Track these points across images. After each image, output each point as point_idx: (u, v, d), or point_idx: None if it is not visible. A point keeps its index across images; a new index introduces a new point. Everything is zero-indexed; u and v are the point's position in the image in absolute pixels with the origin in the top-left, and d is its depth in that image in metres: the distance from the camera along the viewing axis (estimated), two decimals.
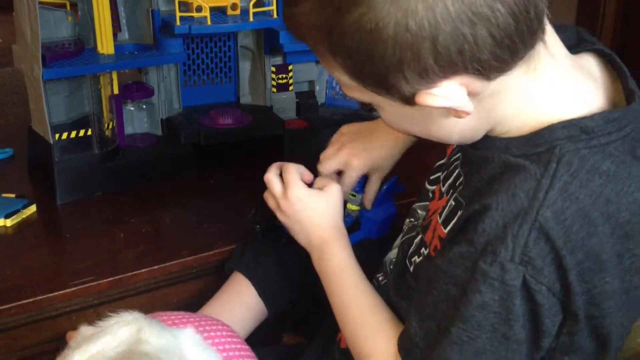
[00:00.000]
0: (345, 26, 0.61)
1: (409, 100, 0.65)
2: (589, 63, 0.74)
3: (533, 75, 0.67)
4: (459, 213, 0.72)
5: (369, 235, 0.98)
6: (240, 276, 1.01)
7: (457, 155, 0.80)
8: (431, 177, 0.89)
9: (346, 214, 0.95)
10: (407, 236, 0.88)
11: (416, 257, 0.82)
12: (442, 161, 0.88)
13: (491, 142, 0.71)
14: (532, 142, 0.68)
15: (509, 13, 0.60)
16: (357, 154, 0.95)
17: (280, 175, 0.90)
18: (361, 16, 0.60)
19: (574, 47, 0.75)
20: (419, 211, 0.88)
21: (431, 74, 0.62)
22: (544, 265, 0.65)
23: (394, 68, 0.62)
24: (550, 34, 0.68)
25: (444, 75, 0.62)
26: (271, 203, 0.90)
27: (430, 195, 0.87)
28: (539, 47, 0.66)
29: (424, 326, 0.72)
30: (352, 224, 0.98)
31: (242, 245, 1.04)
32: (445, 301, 0.70)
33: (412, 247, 0.83)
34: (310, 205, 0.88)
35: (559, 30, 0.71)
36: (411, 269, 0.82)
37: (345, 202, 0.94)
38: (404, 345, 0.74)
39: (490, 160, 0.70)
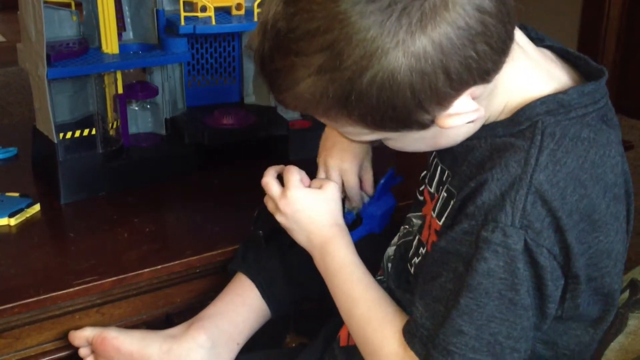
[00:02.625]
0: (362, 89, 0.63)
1: (427, 126, 0.68)
2: (547, 52, 0.79)
3: (511, 64, 0.70)
4: (452, 202, 0.74)
5: (372, 230, 0.98)
6: (244, 277, 1.01)
7: (433, 154, 0.83)
8: (420, 189, 0.90)
9: (346, 211, 0.95)
10: (403, 240, 0.89)
11: (416, 258, 0.83)
12: (425, 172, 0.90)
13: (478, 129, 0.74)
14: (514, 121, 0.72)
15: (498, 21, 0.64)
16: (341, 157, 0.95)
17: (278, 177, 0.90)
18: (376, 74, 0.62)
19: None
20: (414, 220, 0.89)
21: (448, 98, 0.66)
22: (543, 228, 0.68)
23: (415, 108, 0.65)
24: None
25: (457, 94, 0.66)
26: (270, 206, 0.90)
27: (422, 202, 0.88)
28: None
29: (430, 308, 0.73)
30: (354, 220, 0.98)
31: (245, 246, 1.04)
32: (452, 280, 0.71)
33: (412, 250, 0.84)
34: (309, 204, 0.88)
35: None
36: (412, 270, 0.83)
37: (343, 200, 0.94)
38: (409, 328, 0.75)
39: (477, 146, 0.73)
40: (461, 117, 0.68)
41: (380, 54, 0.62)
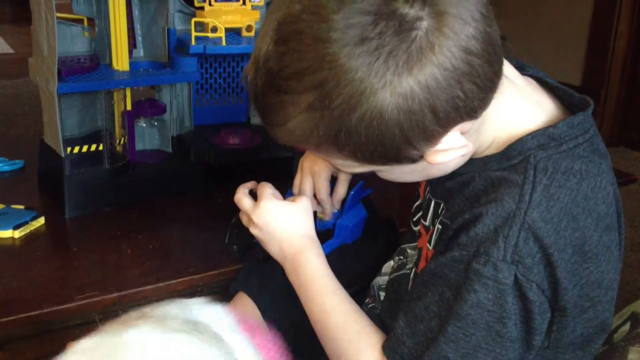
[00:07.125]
0: (352, 126, 0.64)
1: (416, 160, 0.69)
2: (532, 81, 0.80)
3: (500, 98, 0.70)
4: (446, 232, 0.75)
5: (343, 241, 1.00)
6: (245, 297, 1.02)
7: (428, 189, 0.85)
8: (414, 219, 0.91)
9: (317, 221, 0.97)
10: (396, 274, 0.89)
11: None
12: (418, 202, 0.92)
13: (469, 162, 0.76)
14: (506, 155, 0.73)
15: (484, 61, 0.65)
16: (315, 160, 0.97)
17: (251, 193, 0.93)
18: (364, 113, 0.64)
19: None
20: (408, 250, 0.90)
21: (436, 135, 0.67)
22: (534, 264, 0.69)
23: (403, 144, 0.66)
24: None
25: (444, 131, 0.67)
26: (244, 219, 0.92)
27: (417, 234, 0.89)
28: None
29: (411, 326, 0.74)
30: (324, 230, 0.98)
31: (248, 266, 1.04)
32: (437, 303, 0.73)
33: (410, 283, 0.85)
34: (281, 215, 0.89)
35: None
36: None
37: (315, 213, 0.95)
38: (390, 344, 0.76)
39: (471, 180, 0.75)
40: (449, 153, 0.69)
41: (368, 93, 0.63)
